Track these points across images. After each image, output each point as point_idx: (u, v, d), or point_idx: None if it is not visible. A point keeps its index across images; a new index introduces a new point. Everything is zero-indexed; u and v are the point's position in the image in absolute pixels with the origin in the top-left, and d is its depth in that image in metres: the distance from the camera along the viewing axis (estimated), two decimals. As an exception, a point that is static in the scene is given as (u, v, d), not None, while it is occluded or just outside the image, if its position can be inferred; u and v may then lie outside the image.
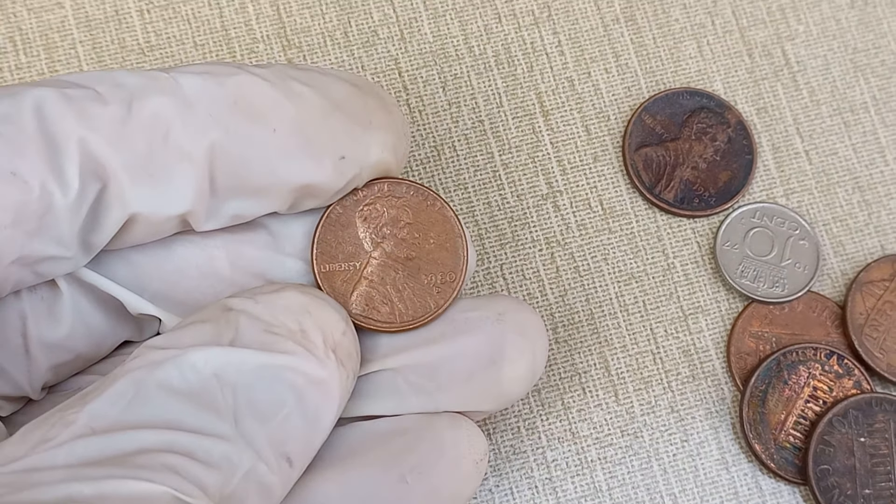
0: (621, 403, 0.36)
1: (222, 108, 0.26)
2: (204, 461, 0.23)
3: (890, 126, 0.38)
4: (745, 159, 0.37)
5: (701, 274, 0.37)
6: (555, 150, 0.37)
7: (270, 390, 0.25)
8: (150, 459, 0.23)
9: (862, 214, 0.38)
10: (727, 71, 0.39)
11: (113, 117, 0.25)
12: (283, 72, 0.27)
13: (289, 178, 0.27)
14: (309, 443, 0.26)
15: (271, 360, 0.25)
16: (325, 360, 0.26)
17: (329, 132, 0.27)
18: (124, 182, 0.25)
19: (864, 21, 0.39)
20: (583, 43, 0.38)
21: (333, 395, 0.26)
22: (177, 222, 0.27)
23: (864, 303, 0.36)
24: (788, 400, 0.35)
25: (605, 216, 0.37)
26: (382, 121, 0.28)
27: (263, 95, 0.26)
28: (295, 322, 0.26)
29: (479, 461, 0.28)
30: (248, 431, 0.24)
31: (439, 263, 0.29)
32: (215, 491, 0.23)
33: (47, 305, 0.28)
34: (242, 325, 0.25)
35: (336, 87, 0.28)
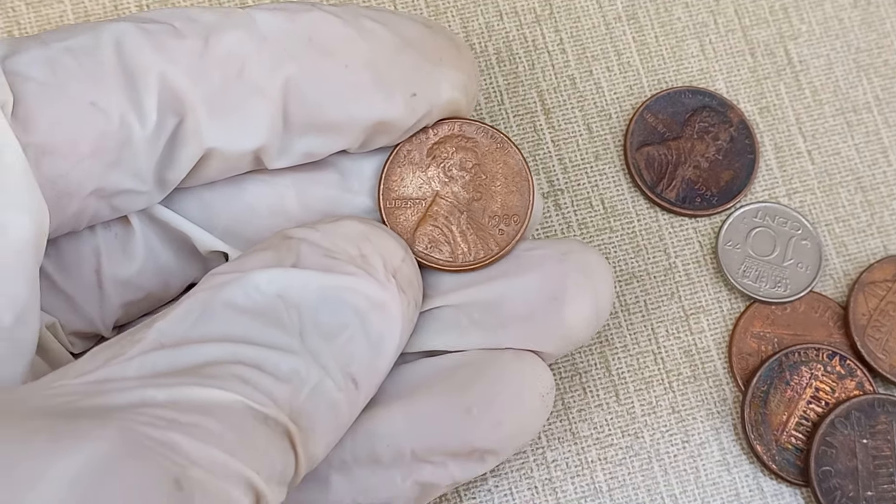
0: (622, 404, 0.35)
1: (296, 43, 0.26)
2: (272, 373, 0.24)
3: (893, 126, 0.38)
4: (748, 159, 0.37)
5: (703, 274, 0.37)
6: (556, 149, 0.37)
7: (333, 311, 0.25)
8: (219, 370, 0.23)
9: (864, 215, 0.37)
10: (729, 70, 0.38)
11: (191, 50, 0.26)
12: (356, 10, 0.28)
13: (360, 113, 0.27)
14: (373, 366, 0.26)
15: (333, 280, 0.25)
16: (385, 283, 0.26)
17: (400, 69, 0.27)
18: (201, 116, 0.26)
19: (867, 21, 0.39)
20: (585, 41, 0.38)
21: (395, 318, 0.26)
22: (250, 159, 0.27)
23: (866, 303, 0.36)
24: (790, 401, 0.35)
25: (607, 215, 0.37)
26: (453, 60, 0.28)
27: (336, 32, 0.27)
28: (355, 247, 0.26)
29: (545, 395, 0.28)
30: (313, 348, 0.25)
31: (505, 206, 0.29)
32: (285, 402, 0.23)
33: (121, 242, 0.29)
34: (303, 251, 0.26)
35: (407, 25, 0.28)
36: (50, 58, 0.25)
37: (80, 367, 0.23)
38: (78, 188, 0.26)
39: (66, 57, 0.25)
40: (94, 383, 0.22)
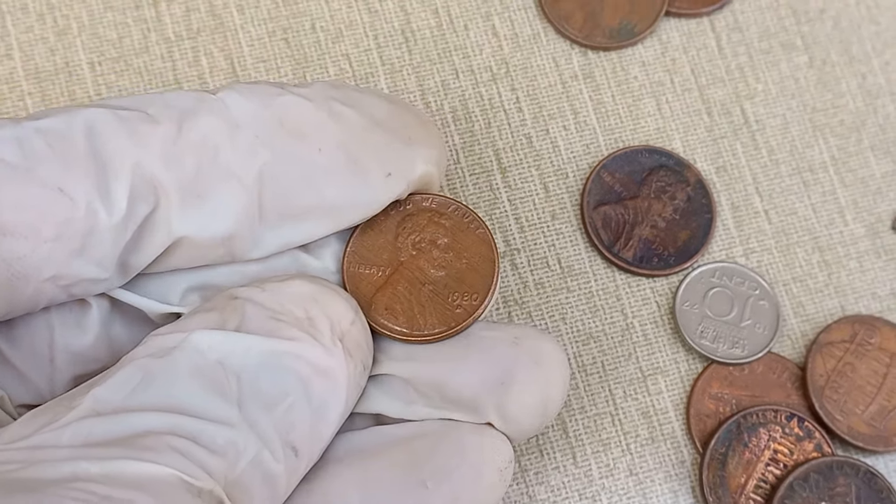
0: (579, 466, 0.35)
1: (269, 129, 0.26)
2: (208, 446, 0.23)
3: (849, 186, 0.38)
4: (705, 218, 0.37)
5: (660, 334, 0.36)
6: (512, 208, 0.37)
7: (275, 378, 0.25)
8: (155, 442, 0.22)
9: (822, 275, 0.37)
10: (686, 129, 0.38)
11: (164, 137, 0.25)
12: (324, 91, 0.27)
13: (336, 197, 0.27)
14: (316, 433, 0.25)
15: (276, 346, 0.25)
16: (331, 348, 0.25)
17: (373, 149, 0.27)
18: (174, 203, 0.25)
19: (823, 81, 0.39)
20: (541, 100, 0.38)
21: (340, 384, 0.25)
22: (223, 250, 0.27)
23: (824, 364, 0.36)
24: (749, 463, 0.34)
25: (564, 275, 0.36)
26: (422, 136, 0.28)
27: (307, 116, 0.27)
28: (301, 309, 0.26)
29: (504, 469, 0.28)
30: (252, 418, 0.24)
31: (468, 284, 0.29)
32: (220, 475, 0.23)
33: (75, 316, 0.28)
34: (248, 312, 0.25)
35: (374, 104, 0.28)
36: (20, 137, 0.25)
37: (14, 432, 0.22)
38: (35, 272, 0.25)
39: (37, 138, 0.25)
40: (28, 450, 0.22)
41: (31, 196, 0.24)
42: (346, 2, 0.38)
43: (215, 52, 0.37)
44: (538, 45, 0.39)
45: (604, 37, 0.39)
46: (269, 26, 0.38)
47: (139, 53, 0.37)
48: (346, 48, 0.38)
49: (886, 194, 0.38)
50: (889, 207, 0.38)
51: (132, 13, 0.37)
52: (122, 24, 0.37)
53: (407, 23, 0.38)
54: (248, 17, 0.38)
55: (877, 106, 0.39)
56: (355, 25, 0.38)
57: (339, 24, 0.38)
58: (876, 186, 0.38)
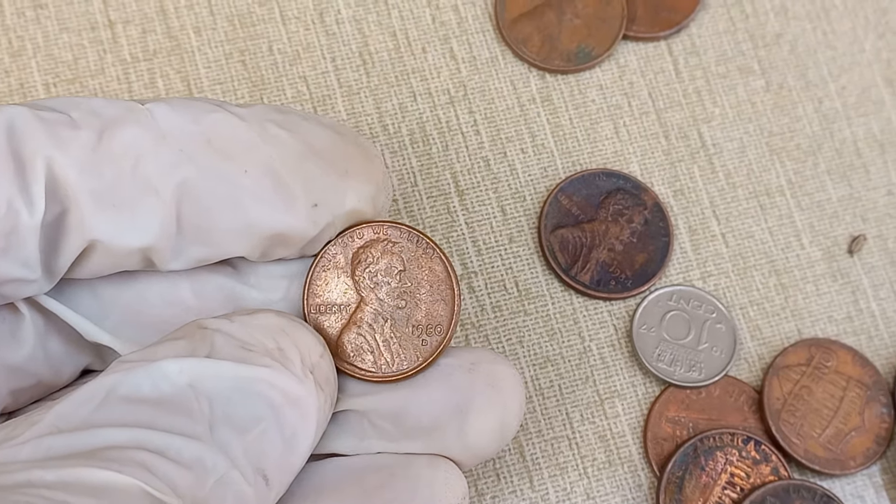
0: (536, 490, 0.35)
1: (195, 144, 0.26)
2: (175, 460, 0.22)
3: (805, 209, 0.38)
4: (662, 241, 0.37)
5: (617, 357, 0.36)
6: (470, 231, 0.37)
7: (247, 403, 0.24)
8: (118, 454, 0.22)
9: (778, 298, 0.37)
10: (644, 152, 0.38)
11: (83, 143, 0.25)
12: (264, 113, 0.27)
13: (258, 221, 0.26)
14: (286, 463, 0.25)
15: (248, 372, 0.24)
16: (303, 378, 0.25)
17: (303, 178, 0.26)
18: (86, 208, 0.25)
19: (780, 105, 0.39)
20: (499, 122, 0.38)
21: (311, 416, 0.25)
22: (140, 258, 0.26)
23: (780, 388, 0.36)
24: (706, 486, 0.34)
25: (521, 298, 0.36)
26: (361, 170, 0.28)
27: (238, 135, 0.26)
28: (272, 340, 0.25)
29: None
30: (223, 440, 0.24)
31: (429, 315, 0.28)
32: (187, 492, 0.22)
33: (9, 328, 0.27)
34: (218, 342, 0.25)
35: (316, 132, 0.27)
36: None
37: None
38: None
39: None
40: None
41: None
42: (303, 24, 0.38)
43: (171, 74, 0.37)
44: (496, 69, 0.39)
45: (562, 60, 0.39)
46: (226, 48, 0.38)
47: (95, 75, 0.37)
48: (304, 70, 0.38)
49: (843, 218, 0.38)
50: (845, 231, 0.38)
51: (88, 34, 0.37)
52: (77, 45, 0.37)
53: (365, 45, 0.38)
54: (204, 39, 0.38)
55: (833, 130, 0.39)
56: (313, 48, 0.38)
57: (297, 46, 0.38)
58: (832, 210, 0.39)
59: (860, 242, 0.38)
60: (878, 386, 0.36)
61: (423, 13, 0.39)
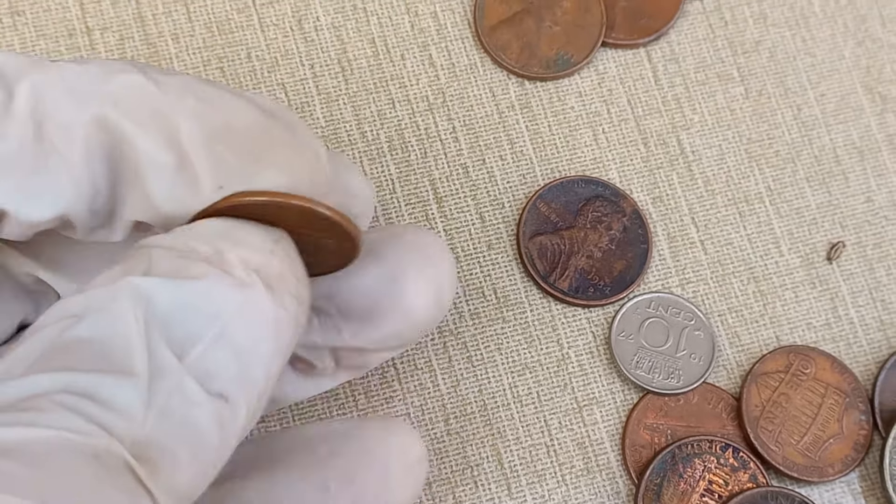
0: (514, 497, 0.34)
1: (97, 96, 0.24)
2: (106, 401, 0.21)
3: (784, 216, 0.38)
4: (641, 248, 0.37)
5: (596, 364, 0.36)
6: (448, 238, 0.37)
7: (185, 321, 0.22)
8: (41, 402, 0.20)
9: (757, 305, 0.37)
10: (622, 159, 0.38)
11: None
12: (185, 84, 0.25)
13: (161, 198, 0.24)
14: (247, 377, 0.23)
15: (184, 287, 0.22)
16: (245, 279, 0.23)
17: (212, 157, 0.24)
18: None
19: (759, 112, 0.39)
20: (477, 129, 0.38)
21: (263, 321, 0.23)
22: (59, 225, 0.25)
23: (759, 395, 0.36)
24: (684, 494, 0.34)
25: (499, 305, 0.36)
26: (280, 158, 0.25)
27: (148, 103, 0.24)
28: (209, 246, 0.23)
29: (412, 466, 0.27)
30: (163, 366, 0.22)
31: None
32: (124, 433, 0.21)
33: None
34: (154, 256, 0.23)
35: (241, 109, 0.25)
36: None
37: None
38: None
39: None
40: None
41: None
42: (282, 31, 0.38)
43: (149, 81, 0.37)
44: (475, 76, 0.39)
45: (541, 67, 0.39)
46: (205, 55, 0.38)
47: (72, 82, 0.37)
48: (282, 77, 0.38)
49: (821, 225, 0.38)
50: (824, 238, 0.38)
51: (65, 41, 0.37)
52: (54, 52, 0.37)
53: (343, 52, 0.38)
54: (183, 45, 0.38)
55: (812, 137, 0.39)
56: (291, 55, 0.38)
57: (275, 53, 0.38)
58: (811, 217, 0.39)
59: (839, 249, 0.38)
60: (857, 393, 0.36)
61: (401, 20, 0.39)
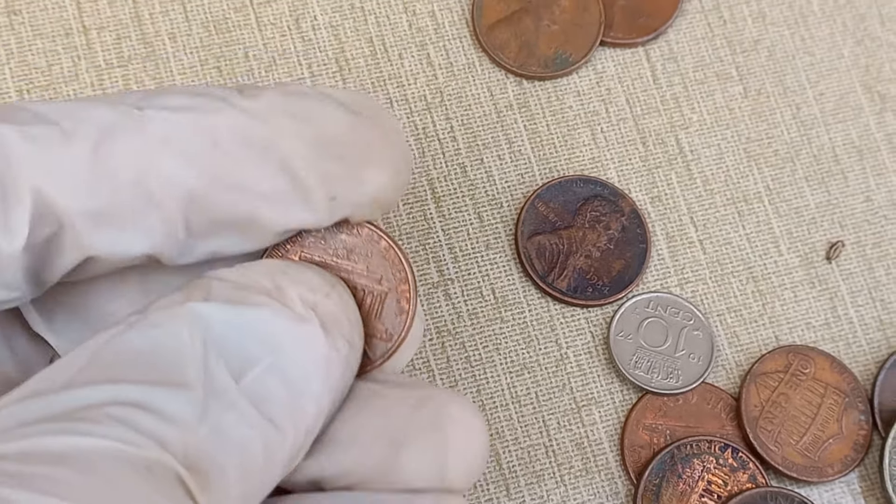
0: (513, 498, 0.34)
1: (200, 149, 0.24)
2: (159, 412, 0.21)
3: (783, 216, 0.38)
4: (639, 248, 0.37)
5: (594, 365, 0.36)
6: (446, 238, 0.37)
7: (243, 345, 0.23)
8: (93, 413, 0.20)
9: (756, 305, 0.37)
10: (621, 159, 0.38)
11: (76, 159, 0.23)
12: (275, 105, 0.25)
13: (275, 220, 0.25)
14: (296, 407, 0.23)
15: (243, 313, 0.23)
16: (304, 315, 0.23)
17: (319, 171, 0.25)
18: (82, 228, 0.23)
19: (757, 111, 0.39)
20: (476, 129, 0.38)
21: (318, 357, 0.23)
22: (143, 261, 0.25)
23: (758, 395, 0.36)
24: (683, 494, 0.34)
25: (498, 305, 0.36)
26: (380, 156, 0.26)
27: (248, 134, 0.24)
28: (269, 280, 0.24)
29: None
30: (218, 384, 0.22)
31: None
32: (177, 445, 0.21)
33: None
34: (214, 287, 0.24)
35: (331, 117, 0.25)
36: None
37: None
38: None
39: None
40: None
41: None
42: (279, 30, 0.38)
43: (146, 80, 0.37)
44: (473, 75, 0.39)
45: (539, 66, 0.38)
46: (202, 55, 0.37)
47: (69, 81, 0.37)
48: (280, 76, 0.38)
49: (820, 224, 0.38)
50: (823, 237, 0.38)
51: (62, 40, 0.37)
52: (51, 51, 0.37)
53: (341, 52, 0.38)
54: (180, 45, 0.37)
55: (811, 136, 0.39)
56: (289, 54, 0.38)
57: (273, 52, 0.38)
58: (810, 216, 0.38)
59: (838, 249, 0.38)
60: (856, 393, 0.36)
61: (399, 19, 0.39)
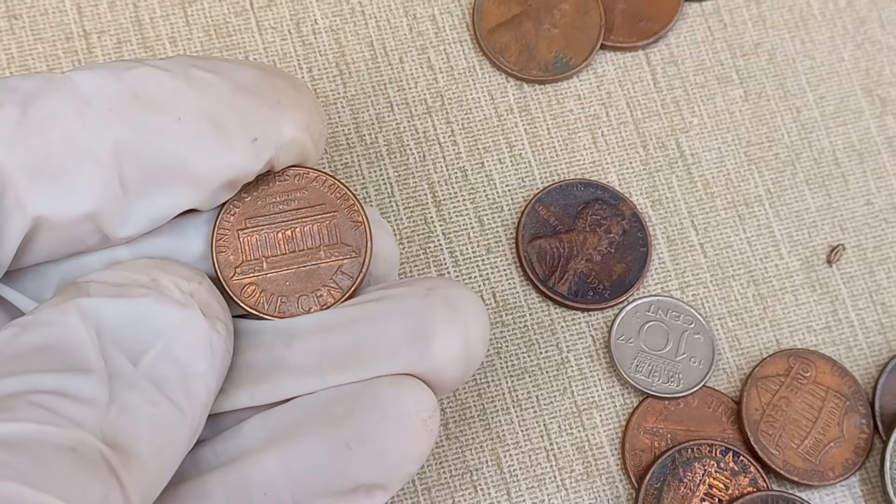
0: (514, 502, 0.34)
1: (122, 102, 0.25)
2: (74, 396, 0.22)
3: (784, 219, 0.38)
4: (640, 252, 0.37)
5: (595, 368, 0.36)
6: (447, 242, 0.37)
7: (134, 332, 0.24)
8: (12, 402, 0.22)
9: (757, 308, 0.37)
10: (622, 162, 0.38)
11: (6, 120, 0.25)
12: (184, 61, 0.27)
13: (202, 165, 0.26)
14: (188, 389, 0.25)
15: (128, 304, 0.24)
16: (182, 301, 0.25)
17: (237, 114, 0.26)
18: (21, 185, 0.24)
19: (758, 115, 0.39)
20: (476, 133, 0.38)
21: (200, 338, 0.25)
22: (89, 228, 0.26)
23: (759, 398, 0.36)
24: (684, 498, 0.34)
25: (499, 309, 0.36)
26: (292, 99, 0.27)
27: (164, 85, 0.26)
28: (144, 275, 0.25)
29: (428, 418, 0.27)
30: (119, 368, 0.23)
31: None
32: (93, 425, 0.22)
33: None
34: (93, 287, 0.25)
35: (240, 70, 0.27)
36: None
37: None
38: None
39: None
40: None
41: None
42: (279, 34, 0.38)
43: (147, 85, 0.37)
44: (473, 78, 0.39)
45: (539, 70, 0.39)
46: (202, 58, 0.37)
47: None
48: (280, 81, 0.38)
49: (821, 227, 0.38)
50: (824, 241, 0.38)
51: (62, 45, 0.37)
52: (52, 55, 0.37)
53: (342, 55, 0.38)
54: (180, 48, 0.37)
55: (811, 140, 0.39)
56: (289, 58, 0.38)
57: (273, 56, 0.38)
58: (811, 220, 0.38)
59: (839, 252, 0.38)
60: (857, 396, 0.36)
61: (400, 23, 0.39)
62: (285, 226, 0.28)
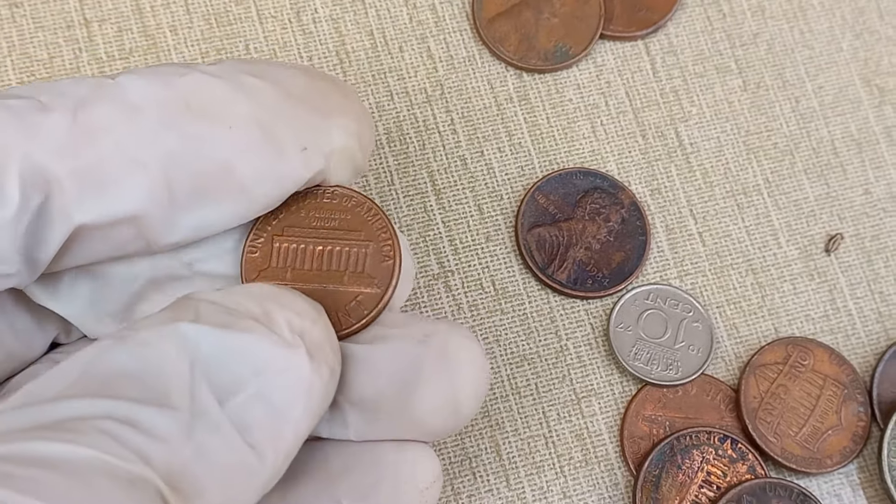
0: (513, 489, 0.34)
1: (174, 110, 0.25)
2: (146, 430, 0.21)
3: (783, 208, 0.38)
4: (639, 240, 0.37)
5: (594, 356, 0.36)
6: (447, 230, 0.37)
7: (230, 369, 0.23)
8: (81, 425, 0.21)
9: (755, 297, 0.37)
10: (621, 151, 0.38)
11: (56, 126, 0.24)
12: (234, 66, 0.26)
13: (251, 174, 0.25)
14: (277, 434, 0.23)
15: (231, 337, 0.23)
16: (290, 343, 0.24)
17: (288, 123, 0.26)
18: (69, 191, 0.24)
19: (757, 104, 0.40)
20: (476, 121, 0.38)
21: (301, 384, 0.24)
22: (132, 234, 0.25)
23: (757, 386, 0.36)
24: (682, 485, 0.34)
25: (498, 297, 0.36)
26: (341, 107, 0.27)
27: (215, 93, 0.25)
28: (258, 306, 0.24)
29: (425, 489, 0.27)
30: (203, 407, 0.22)
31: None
32: (160, 462, 0.21)
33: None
34: (203, 309, 0.24)
35: (289, 75, 0.27)
36: None
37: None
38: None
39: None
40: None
41: None
42: (280, 23, 0.38)
43: (147, 73, 0.37)
44: (473, 67, 0.39)
45: (539, 59, 0.39)
46: (203, 47, 0.37)
47: (70, 73, 0.37)
48: (280, 69, 0.38)
49: (819, 217, 0.38)
50: (822, 230, 0.38)
51: (63, 33, 0.37)
52: (53, 43, 0.37)
53: (342, 44, 0.38)
54: (181, 37, 0.37)
55: (810, 129, 0.39)
56: (289, 46, 0.38)
57: (273, 45, 0.38)
58: (809, 209, 0.39)
59: (837, 241, 0.38)
60: (855, 384, 0.36)
61: (400, 12, 0.39)
62: (319, 243, 0.28)
